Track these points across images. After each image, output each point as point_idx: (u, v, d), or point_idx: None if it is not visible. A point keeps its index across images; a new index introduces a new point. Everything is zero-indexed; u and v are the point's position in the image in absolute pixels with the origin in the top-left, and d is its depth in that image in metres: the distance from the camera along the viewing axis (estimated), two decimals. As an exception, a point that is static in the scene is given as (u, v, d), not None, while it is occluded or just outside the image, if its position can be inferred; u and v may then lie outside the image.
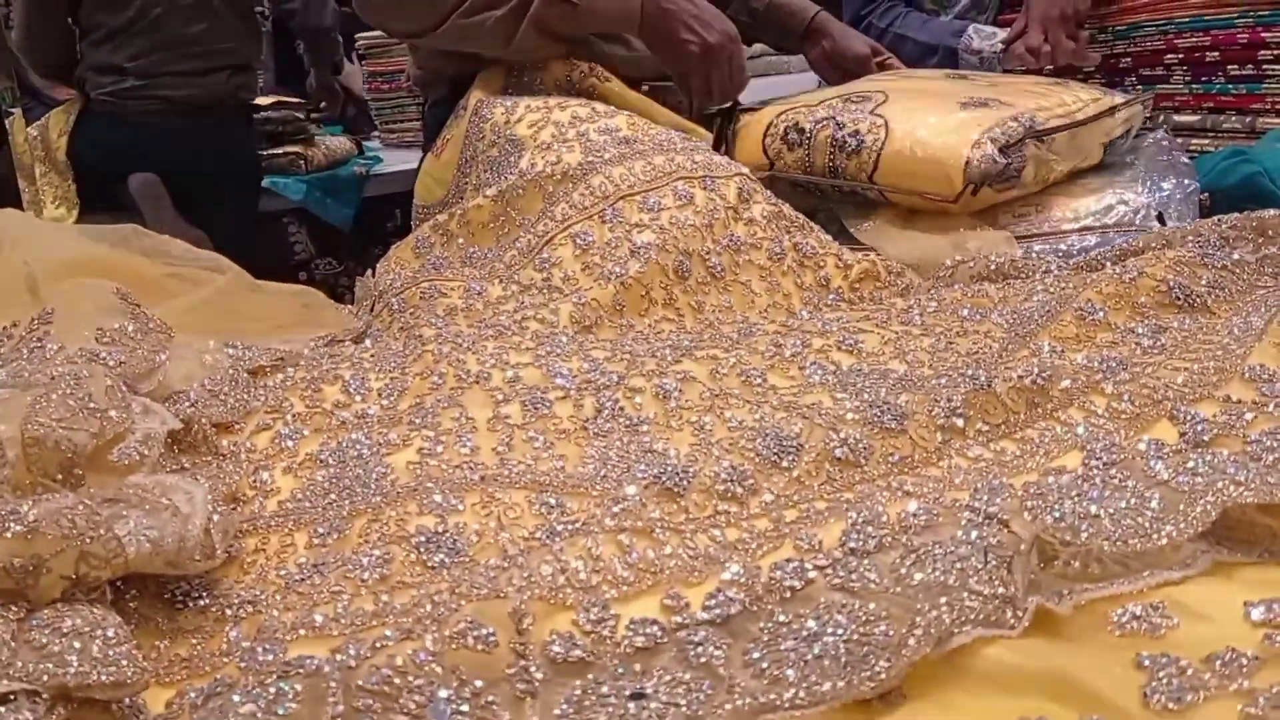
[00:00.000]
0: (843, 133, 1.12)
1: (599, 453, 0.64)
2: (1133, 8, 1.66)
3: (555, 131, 1.04)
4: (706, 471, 0.59)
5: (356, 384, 0.72)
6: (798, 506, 0.57)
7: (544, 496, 0.59)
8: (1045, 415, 0.63)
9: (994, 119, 1.07)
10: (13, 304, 0.72)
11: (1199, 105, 1.60)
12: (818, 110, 1.17)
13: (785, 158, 1.17)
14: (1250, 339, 0.66)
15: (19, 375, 0.59)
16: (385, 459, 0.63)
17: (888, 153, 1.08)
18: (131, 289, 0.76)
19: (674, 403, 0.71)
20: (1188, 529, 0.48)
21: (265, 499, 0.61)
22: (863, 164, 1.10)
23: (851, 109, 1.14)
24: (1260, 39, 1.51)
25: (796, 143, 1.16)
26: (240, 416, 0.68)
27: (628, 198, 0.93)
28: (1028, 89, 1.21)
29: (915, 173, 1.07)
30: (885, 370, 0.73)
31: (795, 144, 1.16)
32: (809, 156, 1.15)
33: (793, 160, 1.17)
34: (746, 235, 0.93)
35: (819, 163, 1.14)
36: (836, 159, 1.13)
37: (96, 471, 0.55)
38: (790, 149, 1.17)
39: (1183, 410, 0.60)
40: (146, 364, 0.66)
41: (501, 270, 0.95)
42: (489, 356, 0.75)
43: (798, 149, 1.16)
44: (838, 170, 1.13)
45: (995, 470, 0.58)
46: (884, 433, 0.61)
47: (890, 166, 1.08)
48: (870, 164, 1.09)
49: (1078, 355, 0.69)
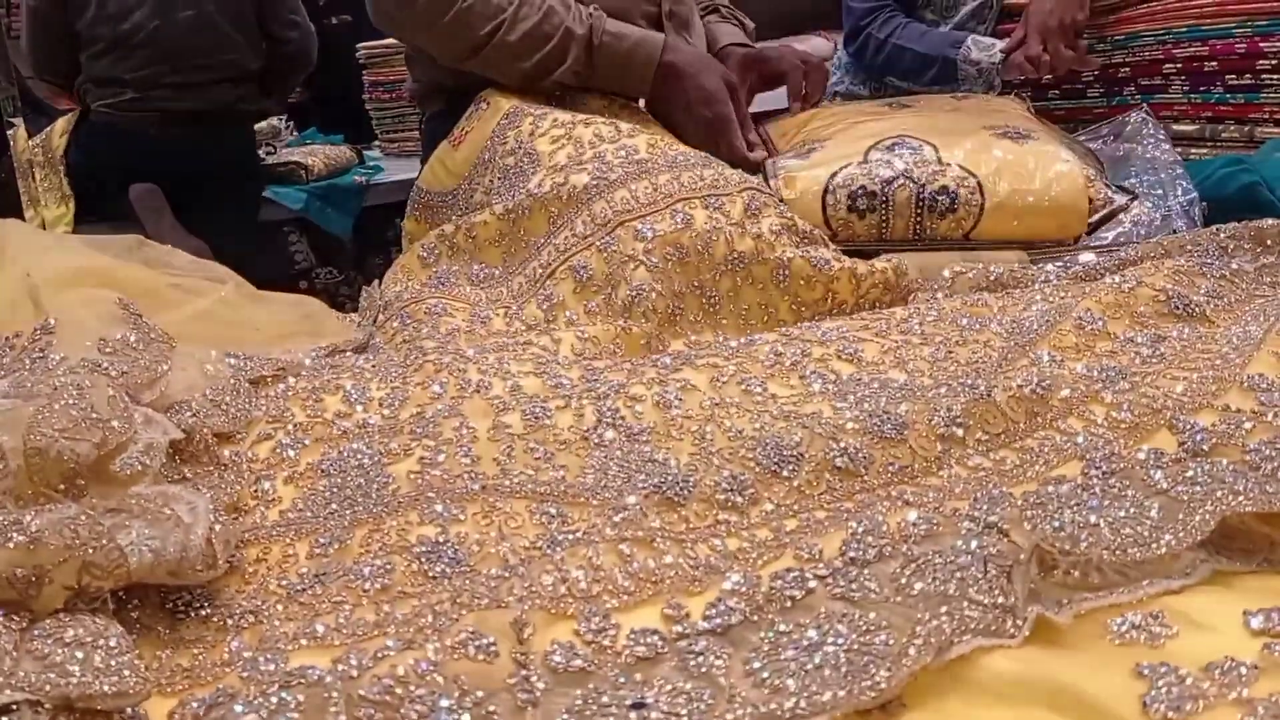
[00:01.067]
0: (928, 192, 1.03)
1: (599, 462, 0.64)
2: (1131, 17, 1.67)
3: (573, 150, 1.05)
4: (707, 481, 0.59)
5: (358, 394, 0.72)
6: (798, 516, 0.57)
7: (545, 506, 0.59)
8: (1045, 424, 0.63)
9: (1080, 156, 1.06)
10: (16, 314, 0.72)
11: (1197, 115, 1.61)
12: (876, 169, 1.05)
13: (855, 226, 1.05)
14: (1249, 348, 0.66)
15: (21, 385, 0.59)
16: (386, 469, 0.63)
17: (991, 206, 1.02)
18: (134, 299, 0.77)
19: (674, 412, 0.71)
20: (1186, 538, 0.49)
21: (267, 509, 0.61)
22: (959, 221, 1.03)
23: (918, 165, 1.05)
24: (1258, 49, 1.52)
25: (868, 208, 1.04)
26: (242, 426, 0.68)
27: (625, 223, 0.93)
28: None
29: (1032, 224, 1.02)
30: (885, 379, 0.73)
31: (867, 209, 1.04)
32: (887, 221, 1.05)
33: (864, 228, 1.05)
34: (752, 251, 0.92)
35: (900, 227, 1.05)
36: (925, 221, 1.04)
37: (99, 482, 0.55)
38: (861, 216, 1.05)
39: (1182, 420, 0.60)
40: (149, 374, 0.66)
41: (507, 299, 0.95)
42: (490, 367, 0.75)
43: (870, 214, 1.05)
44: (924, 232, 1.05)
45: (995, 479, 0.58)
46: (884, 442, 0.61)
47: (996, 221, 1.03)
48: (970, 221, 1.03)
49: (1077, 364, 0.69)
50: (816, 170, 1.08)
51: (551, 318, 0.92)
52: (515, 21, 1.18)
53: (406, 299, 0.98)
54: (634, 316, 0.90)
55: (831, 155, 1.11)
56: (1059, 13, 1.67)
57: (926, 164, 1.05)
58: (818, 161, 1.10)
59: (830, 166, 1.07)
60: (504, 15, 1.18)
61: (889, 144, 1.09)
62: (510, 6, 1.18)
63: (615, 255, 0.93)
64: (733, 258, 0.92)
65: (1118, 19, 1.69)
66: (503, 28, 1.18)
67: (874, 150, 1.08)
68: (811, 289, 0.93)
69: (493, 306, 0.96)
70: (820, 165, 1.09)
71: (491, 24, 1.18)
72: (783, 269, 0.92)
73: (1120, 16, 1.69)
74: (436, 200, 1.17)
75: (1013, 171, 1.04)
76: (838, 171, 1.06)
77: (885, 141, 1.10)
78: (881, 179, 1.04)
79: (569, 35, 1.20)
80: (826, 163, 1.09)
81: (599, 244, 0.94)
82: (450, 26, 1.18)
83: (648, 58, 1.22)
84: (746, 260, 0.92)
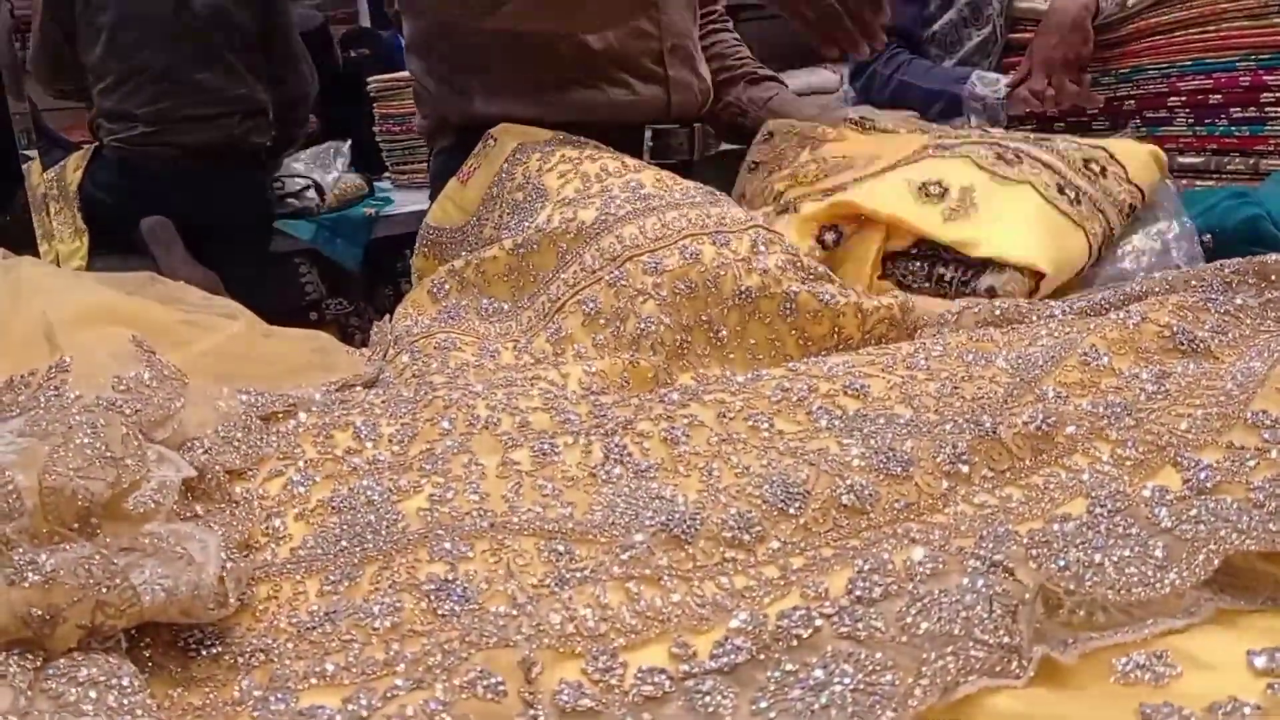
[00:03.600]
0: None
1: (607, 499, 0.64)
2: (1135, 51, 1.69)
3: (580, 185, 1.06)
4: (714, 518, 0.59)
5: (368, 430, 0.73)
6: (805, 554, 0.57)
7: (553, 544, 0.60)
8: (1050, 461, 0.63)
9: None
10: (32, 352, 0.73)
11: (1203, 147, 1.62)
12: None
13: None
14: (1253, 385, 0.67)
15: (37, 424, 0.60)
16: (396, 505, 0.64)
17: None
18: (148, 336, 0.78)
19: (681, 448, 0.71)
20: (1190, 577, 0.49)
21: (278, 546, 0.61)
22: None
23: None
24: (1262, 82, 1.53)
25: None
26: (253, 463, 0.68)
27: (634, 258, 0.94)
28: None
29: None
30: (891, 415, 0.73)
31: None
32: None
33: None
34: (758, 286, 0.93)
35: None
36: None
37: (112, 520, 0.55)
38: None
39: (1187, 457, 0.60)
40: (162, 411, 0.67)
41: (516, 333, 0.96)
42: (499, 402, 0.76)
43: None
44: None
45: (1001, 517, 0.59)
46: (890, 479, 0.61)
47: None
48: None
49: (1082, 401, 0.69)
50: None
51: (560, 351, 0.93)
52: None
53: (416, 333, 0.99)
54: (642, 350, 0.91)
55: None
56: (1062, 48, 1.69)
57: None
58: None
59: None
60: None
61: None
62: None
63: (624, 289, 0.94)
64: (740, 293, 0.93)
65: (1122, 53, 1.71)
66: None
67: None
68: (818, 323, 0.93)
69: (501, 340, 0.97)
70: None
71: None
72: (789, 303, 0.93)
73: (1124, 50, 1.70)
74: (445, 237, 1.18)
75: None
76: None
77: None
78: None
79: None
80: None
81: (608, 278, 0.95)
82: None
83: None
84: (753, 295, 0.93)
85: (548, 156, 1.13)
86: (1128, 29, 1.69)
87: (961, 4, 1.90)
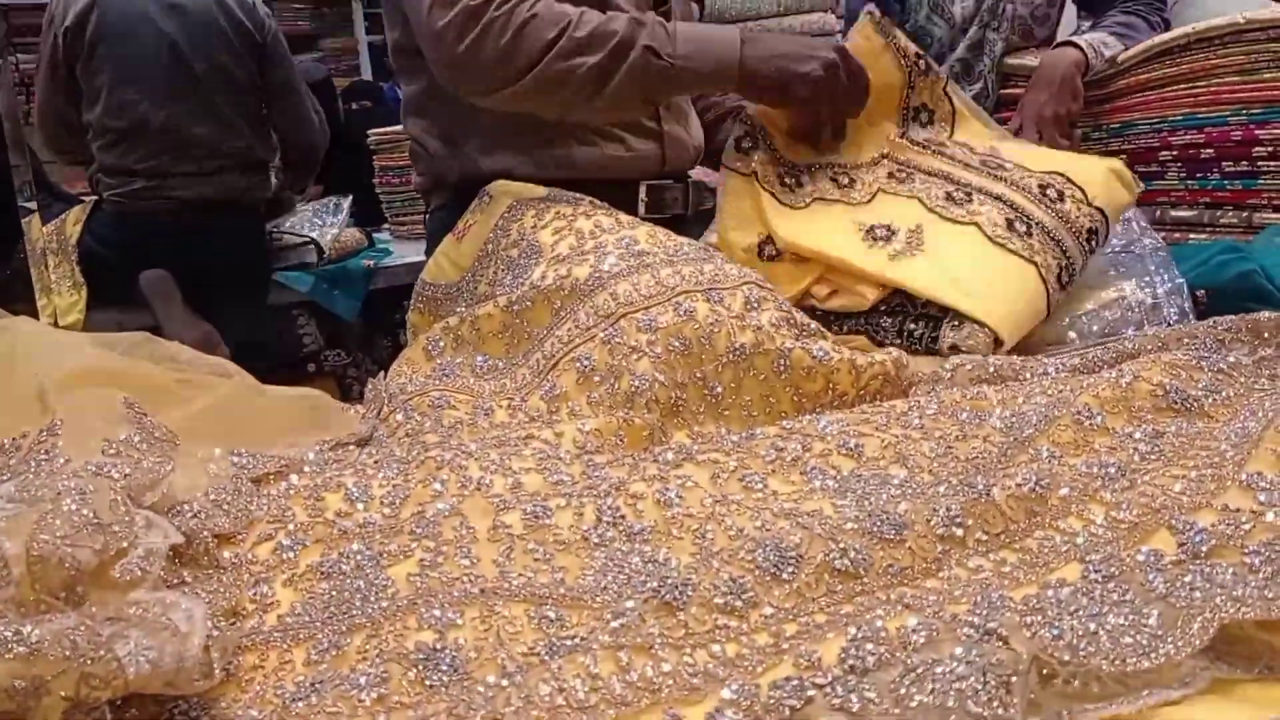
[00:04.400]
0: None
1: (599, 564, 0.64)
2: (1126, 106, 1.70)
3: (574, 242, 1.06)
4: (706, 584, 0.59)
5: (359, 491, 0.73)
6: (797, 620, 0.57)
7: (543, 609, 0.59)
8: (1045, 524, 0.63)
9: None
10: (24, 414, 0.73)
11: (1195, 201, 1.63)
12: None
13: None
14: (1247, 445, 0.66)
15: (27, 489, 0.60)
16: (386, 570, 0.63)
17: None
18: (140, 396, 0.78)
19: (675, 509, 0.71)
20: (1185, 647, 0.48)
21: (265, 613, 0.61)
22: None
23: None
24: (1254, 136, 1.54)
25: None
26: (243, 527, 0.68)
27: (628, 315, 0.95)
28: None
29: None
30: (886, 475, 0.73)
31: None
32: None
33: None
34: (752, 343, 0.93)
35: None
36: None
37: (99, 588, 0.55)
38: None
39: (1181, 520, 0.60)
40: (151, 475, 0.67)
41: (511, 390, 0.96)
42: (491, 463, 0.75)
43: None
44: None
45: (995, 582, 0.58)
46: (883, 543, 0.61)
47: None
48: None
49: (1076, 461, 0.69)
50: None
51: (554, 409, 0.93)
52: (580, 22, 1.20)
53: (411, 391, 0.99)
54: (636, 408, 0.91)
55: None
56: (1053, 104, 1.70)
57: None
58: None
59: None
60: (569, 18, 1.20)
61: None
62: (574, 11, 1.20)
63: (619, 347, 0.94)
64: (734, 350, 0.93)
65: (1113, 108, 1.72)
66: (570, 27, 1.19)
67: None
68: (812, 380, 0.94)
69: (496, 398, 0.96)
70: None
71: (557, 28, 1.19)
72: (783, 360, 0.93)
73: (1115, 105, 1.72)
74: (441, 293, 1.19)
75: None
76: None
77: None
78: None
79: (637, 23, 1.21)
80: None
81: (602, 335, 0.95)
82: (514, 41, 1.18)
83: (727, 30, 1.23)
84: (748, 352, 0.93)
85: (542, 213, 1.13)
86: (1118, 84, 1.71)
87: (953, 59, 1.92)
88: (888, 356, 0.96)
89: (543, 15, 1.19)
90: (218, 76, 2.72)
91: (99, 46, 2.61)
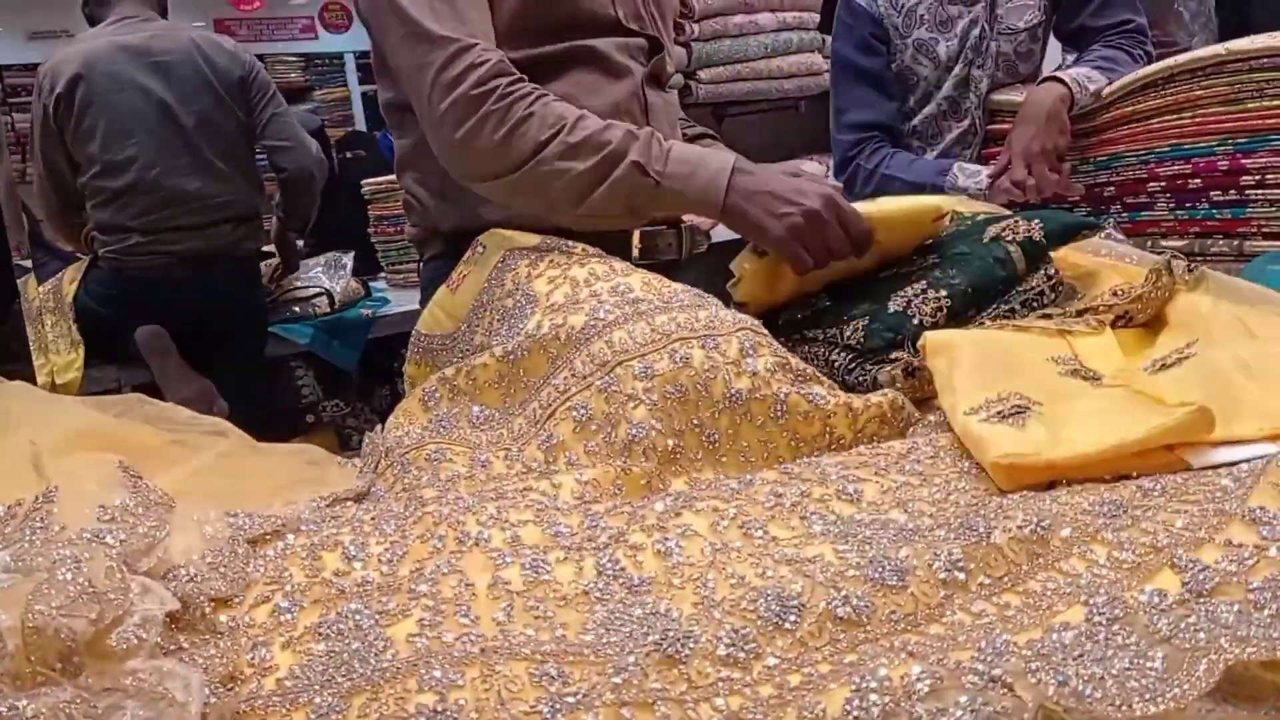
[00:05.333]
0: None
1: (600, 618, 0.63)
2: (1113, 139, 1.71)
3: (569, 290, 1.06)
4: (708, 635, 0.58)
5: (356, 549, 0.72)
6: (801, 670, 0.56)
7: (545, 667, 0.59)
8: (1047, 566, 0.62)
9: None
10: (18, 481, 0.72)
11: (1185, 230, 1.63)
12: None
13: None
14: (1249, 479, 0.66)
15: (21, 559, 0.59)
16: (385, 631, 0.63)
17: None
18: (135, 459, 0.77)
19: (675, 559, 0.70)
20: (1191, 690, 0.48)
21: (263, 677, 0.60)
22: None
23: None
24: (1240, 165, 1.55)
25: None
26: (239, 590, 0.67)
27: (624, 363, 0.95)
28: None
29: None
30: (886, 520, 0.73)
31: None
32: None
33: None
34: (749, 388, 0.93)
35: None
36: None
37: (95, 657, 0.54)
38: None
39: (1184, 557, 0.60)
40: (147, 540, 0.66)
41: (508, 440, 0.96)
42: (489, 518, 0.75)
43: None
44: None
45: (999, 627, 0.58)
46: (886, 590, 0.61)
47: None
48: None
49: (1077, 498, 0.69)
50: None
51: (551, 459, 0.93)
52: (576, 127, 1.21)
53: (407, 444, 0.98)
54: (634, 456, 0.90)
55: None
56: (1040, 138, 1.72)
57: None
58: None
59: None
60: (565, 121, 1.21)
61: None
62: (574, 115, 1.22)
63: (615, 395, 0.93)
64: (731, 395, 0.93)
65: (1100, 140, 1.74)
66: (564, 130, 1.20)
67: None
68: (809, 424, 0.93)
69: (493, 449, 0.96)
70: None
71: (551, 130, 1.20)
72: (779, 405, 0.93)
73: (1102, 138, 1.73)
74: (436, 344, 1.19)
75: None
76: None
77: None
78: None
79: (631, 136, 1.22)
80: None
81: (599, 384, 0.95)
82: (508, 136, 1.20)
83: (721, 158, 1.22)
84: (744, 397, 0.93)
85: (536, 262, 1.14)
86: (1104, 118, 1.72)
87: (940, 98, 1.94)
88: (884, 399, 0.96)
89: (539, 115, 1.20)
90: (207, 129, 2.74)
91: (88, 110, 2.63)
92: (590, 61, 1.33)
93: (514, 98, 1.20)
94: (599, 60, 1.34)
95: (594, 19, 1.35)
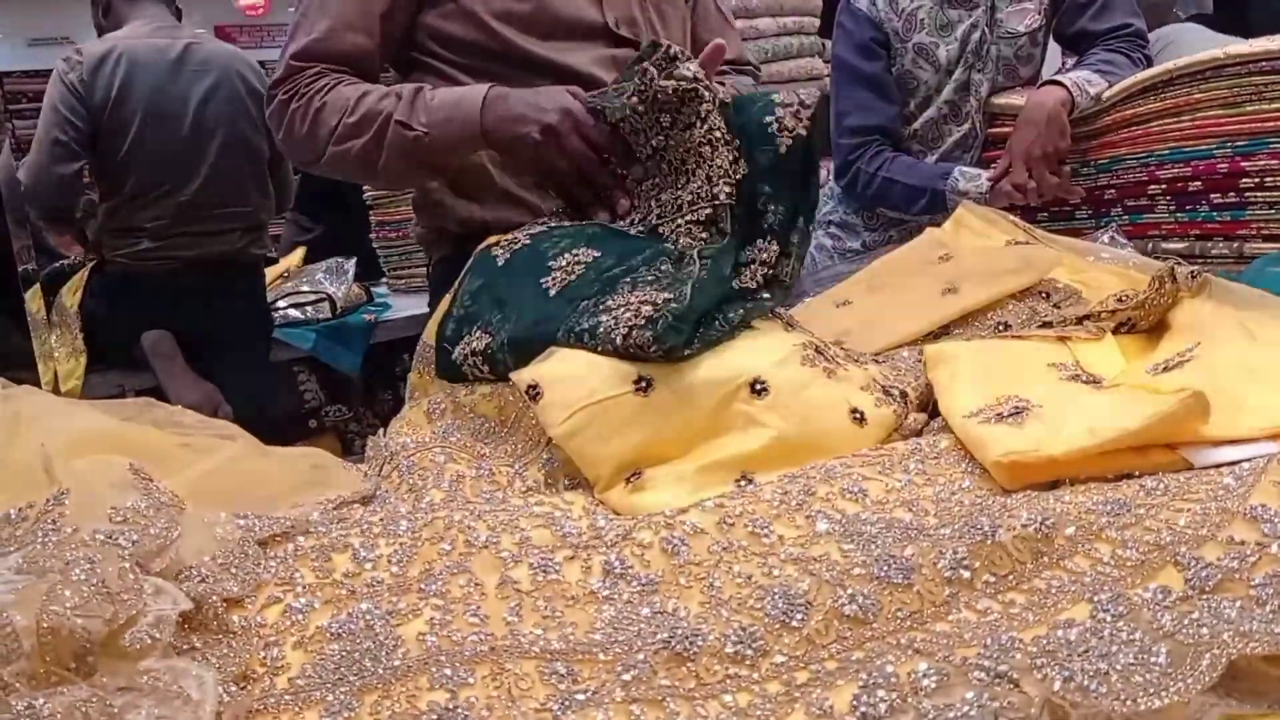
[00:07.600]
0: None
1: (608, 617, 0.64)
2: (1113, 142, 1.72)
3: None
4: (716, 633, 0.59)
5: (366, 551, 0.73)
6: (808, 668, 0.57)
7: (554, 665, 0.59)
8: (1051, 564, 0.63)
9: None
10: (29, 484, 0.73)
11: (1186, 233, 1.64)
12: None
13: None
14: (1251, 477, 0.67)
15: (34, 561, 0.60)
16: (395, 630, 0.63)
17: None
18: (145, 461, 0.78)
19: (682, 558, 0.71)
20: (1195, 684, 0.48)
21: (275, 676, 0.61)
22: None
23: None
24: (1240, 168, 1.56)
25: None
26: (251, 590, 0.68)
27: None
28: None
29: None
30: (891, 519, 0.73)
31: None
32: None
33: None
34: None
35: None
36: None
37: (109, 657, 0.55)
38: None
39: (1186, 555, 0.60)
40: (159, 541, 0.67)
41: (508, 458, 0.95)
42: (499, 523, 0.75)
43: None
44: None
45: (1005, 624, 0.58)
46: (891, 588, 0.61)
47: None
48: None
49: (1080, 497, 0.69)
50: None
51: (552, 480, 0.92)
52: (356, 106, 1.28)
53: (412, 448, 0.98)
54: None
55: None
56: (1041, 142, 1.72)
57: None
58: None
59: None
60: (348, 103, 1.28)
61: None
62: (356, 94, 1.29)
63: None
64: None
65: (1100, 144, 1.74)
66: (346, 112, 1.28)
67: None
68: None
69: (496, 463, 0.95)
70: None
71: (339, 115, 1.29)
72: None
73: (1103, 141, 1.74)
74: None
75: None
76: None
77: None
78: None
79: (395, 97, 1.27)
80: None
81: None
82: (309, 129, 1.30)
83: (475, 92, 1.25)
84: None
85: None
86: (1104, 121, 1.73)
87: (940, 102, 1.95)
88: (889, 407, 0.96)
89: (330, 103, 1.30)
90: (233, 142, 2.77)
91: (126, 102, 2.63)
92: (568, 81, 1.30)
93: (311, 93, 1.30)
94: (577, 81, 1.29)
95: (580, 24, 1.35)
